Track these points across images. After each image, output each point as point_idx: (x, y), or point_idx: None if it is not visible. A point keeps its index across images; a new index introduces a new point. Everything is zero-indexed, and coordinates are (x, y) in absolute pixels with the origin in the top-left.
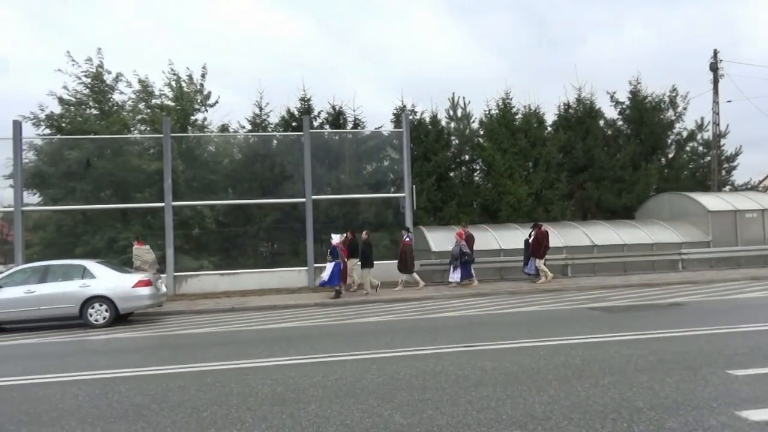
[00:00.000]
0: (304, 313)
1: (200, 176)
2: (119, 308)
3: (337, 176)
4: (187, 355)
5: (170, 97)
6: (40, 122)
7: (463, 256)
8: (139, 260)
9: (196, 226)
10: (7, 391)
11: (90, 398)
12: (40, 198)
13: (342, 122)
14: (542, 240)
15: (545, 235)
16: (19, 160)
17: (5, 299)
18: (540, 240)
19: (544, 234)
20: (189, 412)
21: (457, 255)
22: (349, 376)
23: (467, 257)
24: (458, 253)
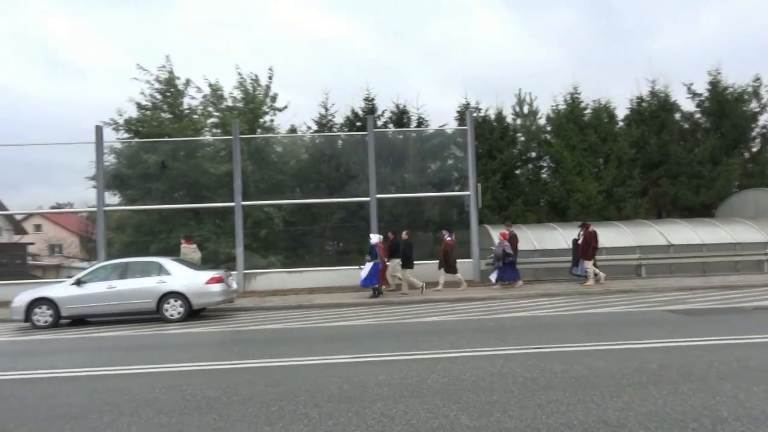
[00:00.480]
0: (369, 311)
1: (268, 177)
2: (192, 304)
3: (401, 175)
4: (256, 350)
5: (239, 99)
6: (119, 127)
7: (506, 257)
8: (186, 258)
9: (265, 225)
10: (90, 381)
11: (165, 390)
12: (120, 198)
13: (406, 121)
14: (590, 241)
15: (593, 236)
16: (100, 163)
17: (89, 294)
18: (588, 241)
19: (592, 234)
20: (258, 406)
21: (500, 256)
22: (414, 375)
23: (510, 258)
24: (501, 253)
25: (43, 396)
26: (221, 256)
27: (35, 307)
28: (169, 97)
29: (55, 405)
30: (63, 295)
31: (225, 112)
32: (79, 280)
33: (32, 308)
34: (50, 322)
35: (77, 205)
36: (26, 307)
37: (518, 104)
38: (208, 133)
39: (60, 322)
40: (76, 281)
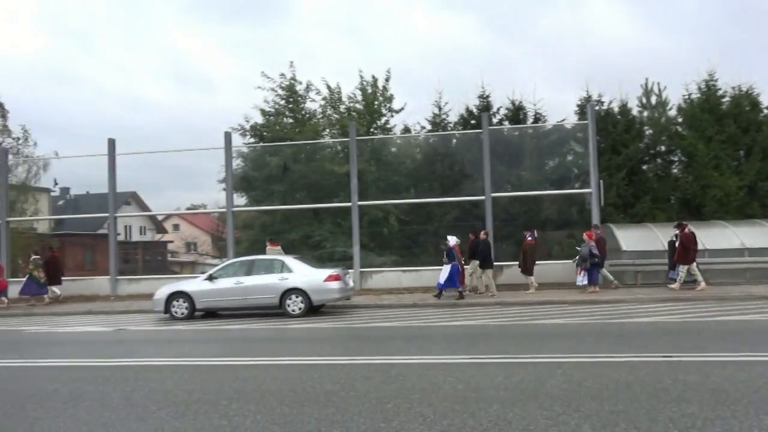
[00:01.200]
0: (484, 311)
1: (385, 177)
2: (312, 300)
3: (518, 173)
4: (372, 347)
5: (358, 100)
6: (245, 132)
7: (592, 258)
8: None
9: (383, 224)
10: (221, 370)
11: (287, 381)
12: (247, 200)
13: (522, 117)
14: (689, 243)
15: (692, 238)
16: (229, 167)
17: (219, 289)
18: (686, 244)
19: (690, 236)
20: (374, 402)
21: (586, 257)
22: (532, 379)
23: (596, 260)
24: (587, 254)
25: (179, 382)
26: (338, 255)
27: (173, 300)
28: (291, 102)
29: (190, 391)
30: (197, 289)
31: (343, 115)
32: (210, 276)
33: (171, 301)
34: (186, 314)
35: (210, 207)
36: (166, 300)
37: (645, 95)
38: (327, 136)
39: (194, 314)
40: (208, 277)
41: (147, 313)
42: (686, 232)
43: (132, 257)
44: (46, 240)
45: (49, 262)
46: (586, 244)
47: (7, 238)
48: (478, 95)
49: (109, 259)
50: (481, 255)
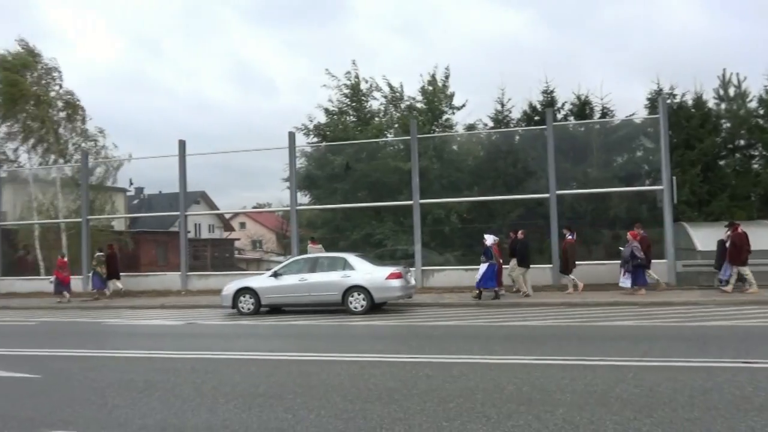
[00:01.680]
0: (548, 311)
1: (447, 174)
2: (374, 298)
3: (584, 170)
4: (434, 345)
5: (419, 99)
6: (309, 132)
7: (635, 260)
8: None
9: (445, 223)
10: (286, 365)
11: (350, 378)
12: (310, 198)
13: (588, 112)
14: (741, 244)
15: (743, 238)
16: (293, 166)
17: (284, 285)
18: (738, 244)
19: (742, 237)
20: (436, 401)
21: (628, 258)
22: (601, 382)
23: (639, 261)
24: (629, 255)
25: (246, 375)
26: (399, 253)
27: (240, 295)
28: (354, 101)
29: (256, 384)
30: (262, 285)
31: (404, 113)
32: (275, 273)
33: (238, 297)
34: (252, 310)
35: (274, 205)
36: (233, 296)
37: (722, 87)
38: (389, 134)
39: (260, 310)
40: (274, 274)
41: (215, 308)
42: (738, 232)
43: (201, 254)
44: (124, 236)
45: (109, 258)
46: (629, 245)
47: (87, 235)
48: (542, 91)
49: (180, 256)
50: (519, 254)
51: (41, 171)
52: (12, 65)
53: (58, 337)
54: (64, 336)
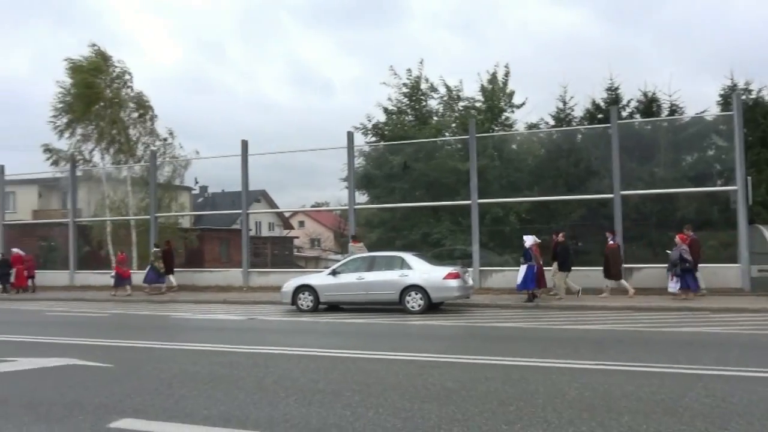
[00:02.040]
0: (611, 315)
1: (506, 174)
2: (432, 297)
3: (650, 169)
4: (492, 347)
5: (478, 98)
6: (367, 131)
7: (683, 263)
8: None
9: (504, 223)
10: (344, 362)
11: (408, 377)
12: (368, 197)
13: (655, 110)
14: None
15: None
16: (351, 165)
17: (342, 283)
18: None
19: None
20: (495, 404)
21: (676, 261)
22: (668, 390)
23: (688, 265)
24: (677, 258)
25: (305, 371)
26: (457, 253)
27: (299, 293)
28: (414, 100)
29: (315, 380)
30: (321, 283)
31: (462, 112)
32: (334, 271)
33: (297, 294)
34: (311, 307)
35: (332, 204)
36: (293, 293)
37: None
38: (447, 133)
39: (319, 307)
40: (332, 272)
41: (275, 304)
42: None
43: (262, 251)
44: (189, 233)
45: (165, 254)
46: (677, 248)
47: (155, 232)
48: (606, 88)
49: (242, 253)
50: (560, 258)
51: (113, 170)
52: (87, 69)
53: (128, 329)
54: (133, 328)
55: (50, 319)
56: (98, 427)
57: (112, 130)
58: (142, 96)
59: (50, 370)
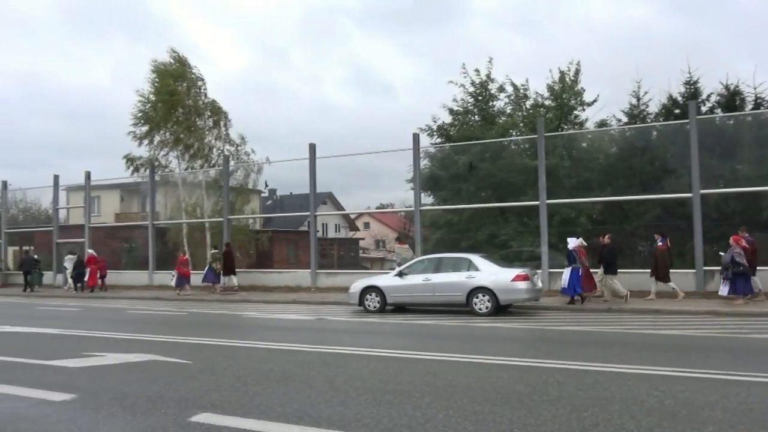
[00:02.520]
0: (692, 320)
1: (576, 174)
2: (500, 300)
3: (732, 167)
4: (564, 351)
5: (546, 96)
6: (432, 132)
7: (736, 266)
8: (399, 257)
9: (574, 224)
10: (413, 363)
11: (477, 380)
12: (434, 199)
13: (738, 103)
14: None
15: None
16: (417, 167)
17: (408, 285)
18: None
19: None
20: (569, 409)
21: (728, 264)
22: (757, 401)
23: (741, 268)
24: (728, 261)
25: (374, 371)
26: (525, 255)
27: (366, 293)
28: (480, 100)
29: (384, 380)
30: (388, 284)
31: (530, 111)
32: (400, 272)
33: (364, 294)
34: (378, 308)
35: (397, 206)
36: (360, 293)
37: None
38: (515, 133)
39: (386, 308)
40: (398, 273)
41: (342, 305)
42: None
43: (328, 252)
44: (260, 235)
45: (225, 256)
46: (731, 250)
47: (228, 233)
48: (683, 82)
49: (310, 254)
50: (605, 261)
51: (188, 175)
52: (171, 75)
53: (204, 327)
54: (209, 326)
55: (132, 317)
56: (180, 421)
57: (189, 137)
58: (215, 103)
59: (134, 365)
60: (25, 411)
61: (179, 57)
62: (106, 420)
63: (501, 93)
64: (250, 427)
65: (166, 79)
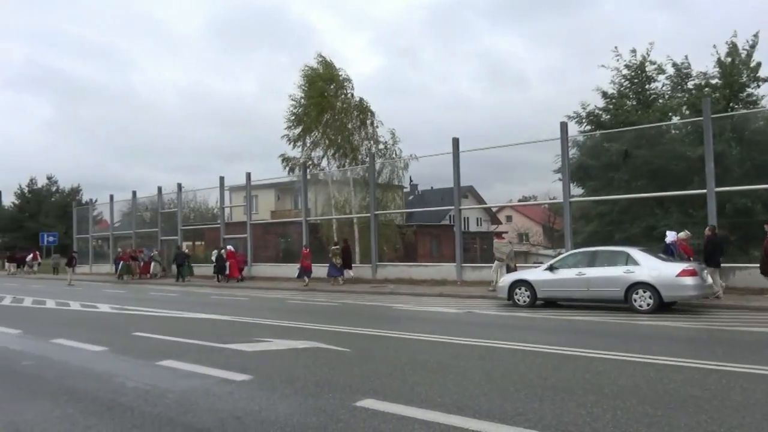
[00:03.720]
0: None
1: (750, 158)
2: (663, 296)
3: None
4: (745, 354)
5: (711, 75)
6: (581, 120)
7: None
8: (498, 252)
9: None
10: (571, 360)
11: (646, 381)
12: (583, 190)
13: None
14: None
15: None
16: (565, 157)
17: (560, 279)
18: None
19: None
20: (758, 417)
21: None
22: None
23: None
24: None
25: (531, 366)
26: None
27: (516, 287)
28: (636, 83)
29: (543, 376)
30: (538, 278)
31: (693, 92)
32: (551, 266)
33: (514, 288)
34: (528, 302)
35: (540, 198)
36: (509, 287)
37: None
38: (675, 116)
39: (536, 303)
40: (549, 267)
41: (489, 299)
42: None
43: (470, 246)
44: (405, 229)
45: (343, 251)
46: None
47: (375, 228)
48: None
49: (455, 248)
50: (705, 253)
51: (337, 173)
52: (320, 78)
53: (358, 318)
54: (361, 317)
55: (292, 306)
56: (347, 404)
57: (339, 137)
58: (363, 101)
59: (300, 351)
60: (212, 388)
61: (326, 61)
62: (281, 400)
63: (660, 75)
64: (412, 414)
65: (315, 83)
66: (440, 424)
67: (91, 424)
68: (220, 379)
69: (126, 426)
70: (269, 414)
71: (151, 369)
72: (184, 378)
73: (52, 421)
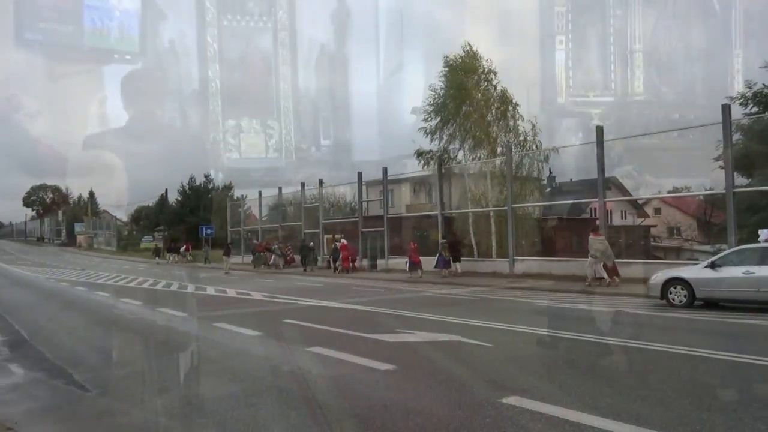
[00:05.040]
0: None
1: None
2: None
3: None
4: None
5: None
6: (747, 101)
7: None
8: (593, 249)
9: None
10: (740, 367)
11: None
12: (749, 179)
13: None
14: None
15: None
16: (728, 143)
17: (724, 278)
18: None
19: None
20: None
21: None
22: None
23: None
24: None
25: (695, 372)
26: None
27: (671, 286)
28: None
29: (707, 384)
30: (697, 276)
31: None
32: (713, 264)
33: (668, 287)
34: (684, 302)
35: (693, 189)
36: (662, 286)
37: None
38: None
39: (694, 303)
40: (710, 264)
41: (637, 297)
42: None
43: (615, 240)
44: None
45: (451, 245)
46: None
47: (512, 221)
48: None
49: None
50: None
51: (473, 165)
52: (462, 69)
53: (496, 312)
54: (499, 311)
55: (425, 299)
56: (492, 401)
57: (477, 130)
58: (506, 93)
59: (441, 344)
60: (359, 375)
61: (470, 51)
62: (425, 392)
63: None
64: (563, 415)
65: (456, 74)
66: (594, 428)
67: (253, 403)
68: (365, 368)
69: (284, 407)
70: (415, 404)
71: (302, 355)
72: (333, 365)
73: (219, 398)
